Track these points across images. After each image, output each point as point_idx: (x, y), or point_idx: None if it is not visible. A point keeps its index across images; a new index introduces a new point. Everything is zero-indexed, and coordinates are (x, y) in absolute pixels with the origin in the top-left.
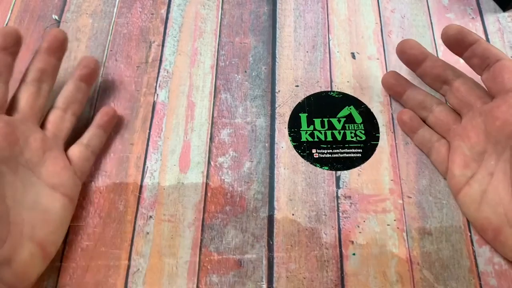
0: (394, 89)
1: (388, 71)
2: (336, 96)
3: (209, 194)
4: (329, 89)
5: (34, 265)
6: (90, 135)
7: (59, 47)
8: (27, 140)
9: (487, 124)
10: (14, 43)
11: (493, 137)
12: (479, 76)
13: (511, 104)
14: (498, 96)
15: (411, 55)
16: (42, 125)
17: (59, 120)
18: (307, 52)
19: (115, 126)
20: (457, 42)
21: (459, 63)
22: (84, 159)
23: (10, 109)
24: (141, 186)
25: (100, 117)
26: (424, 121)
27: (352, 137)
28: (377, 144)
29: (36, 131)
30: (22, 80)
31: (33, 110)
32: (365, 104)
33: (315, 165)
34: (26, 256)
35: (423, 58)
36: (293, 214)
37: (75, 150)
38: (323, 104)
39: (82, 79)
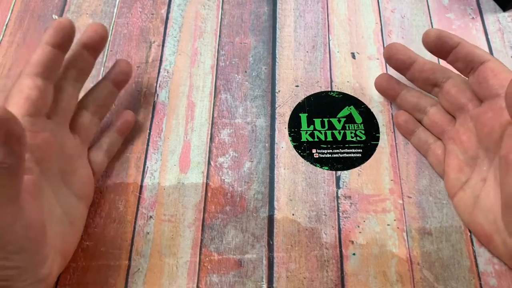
0: (387, 92)
1: (387, 71)
2: (336, 96)
3: (209, 194)
4: (329, 89)
5: (57, 275)
6: (111, 140)
7: (99, 45)
8: (62, 148)
9: (477, 130)
10: (68, 39)
11: (484, 143)
12: None
13: (497, 111)
14: (486, 101)
15: (398, 60)
16: (71, 128)
17: (88, 124)
18: (307, 52)
19: None
20: (437, 48)
21: None
22: (103, 166)
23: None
24: (141, 186)
25: (120, 123)
26: (420, 122)
27: (352, 137)
28: (377, 144)
29: (69, 138)
30: (61, 78)
31: (68, 113)
32: (365, 104)
33: (315, 165)
34: (56, 270)
35: (410, 63)
36: (293, 214)
37: (98, 158)
38: (323, 104)
39: (117, 84)
